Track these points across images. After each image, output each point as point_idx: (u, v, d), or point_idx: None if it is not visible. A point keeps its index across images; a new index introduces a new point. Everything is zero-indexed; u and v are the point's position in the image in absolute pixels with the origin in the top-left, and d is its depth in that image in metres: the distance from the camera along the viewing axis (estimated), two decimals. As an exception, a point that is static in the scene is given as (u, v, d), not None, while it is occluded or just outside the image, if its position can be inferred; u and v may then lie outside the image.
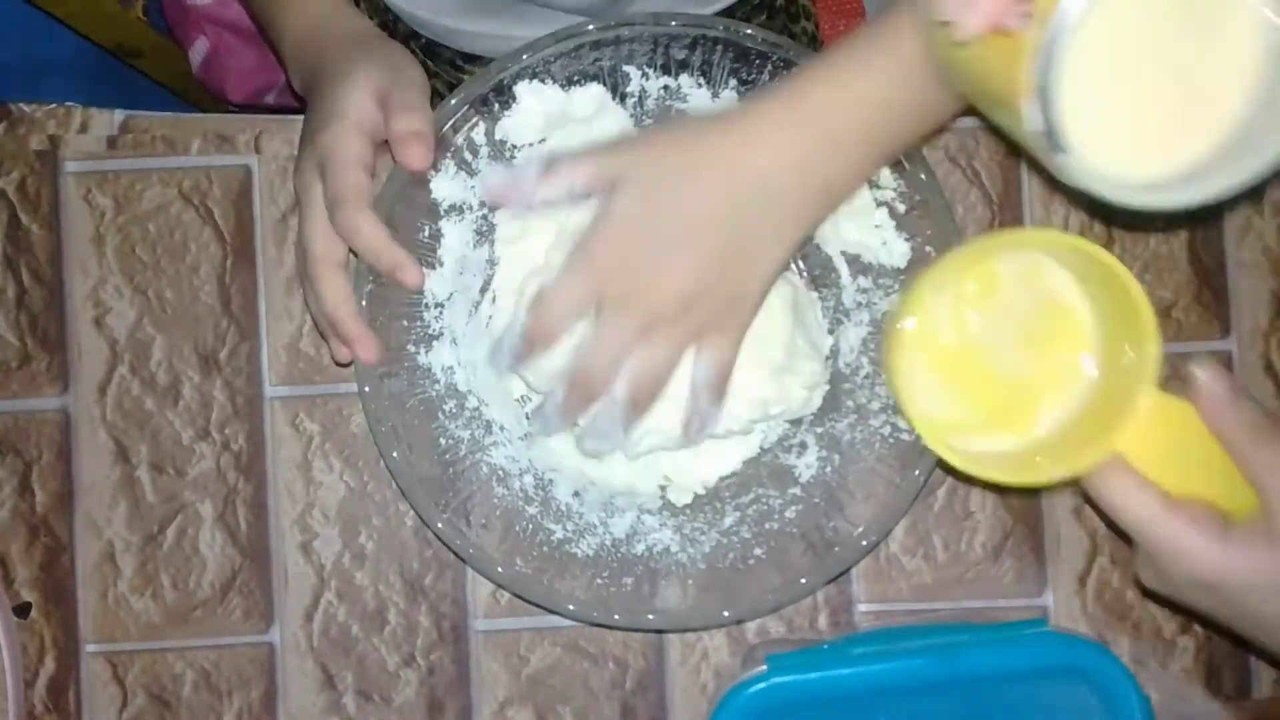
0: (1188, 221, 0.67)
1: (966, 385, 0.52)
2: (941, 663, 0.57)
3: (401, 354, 0.61)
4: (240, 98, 1.07)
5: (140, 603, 0.66)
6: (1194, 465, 0.49)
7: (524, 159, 0.62)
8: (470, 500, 0.61)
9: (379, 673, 0.66)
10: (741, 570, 0.61)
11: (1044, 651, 0.58)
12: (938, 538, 0.67)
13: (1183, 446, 0.49)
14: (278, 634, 0.66)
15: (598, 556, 0.62)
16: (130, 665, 0.66)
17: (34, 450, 0.66)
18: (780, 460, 0.64)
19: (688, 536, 0.63)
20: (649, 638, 0.66)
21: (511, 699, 0.66)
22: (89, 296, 0.67)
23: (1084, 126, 0.42)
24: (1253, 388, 0.66)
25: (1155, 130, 0.44)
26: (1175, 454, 0.49)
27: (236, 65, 1.05)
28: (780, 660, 0.58)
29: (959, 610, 0.66)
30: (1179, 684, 0.66)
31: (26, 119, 0.68)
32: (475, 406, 0.64)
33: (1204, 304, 0.67)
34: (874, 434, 0.62)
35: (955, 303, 0.51)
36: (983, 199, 0.67)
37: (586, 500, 0.64)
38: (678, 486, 0.64)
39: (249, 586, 0.66)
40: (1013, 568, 0.66)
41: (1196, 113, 0.44)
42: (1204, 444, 0.48)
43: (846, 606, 0.66)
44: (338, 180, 0.57)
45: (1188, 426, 0.48)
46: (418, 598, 0.66)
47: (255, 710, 0.66)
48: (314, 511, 0.67)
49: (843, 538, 0.60)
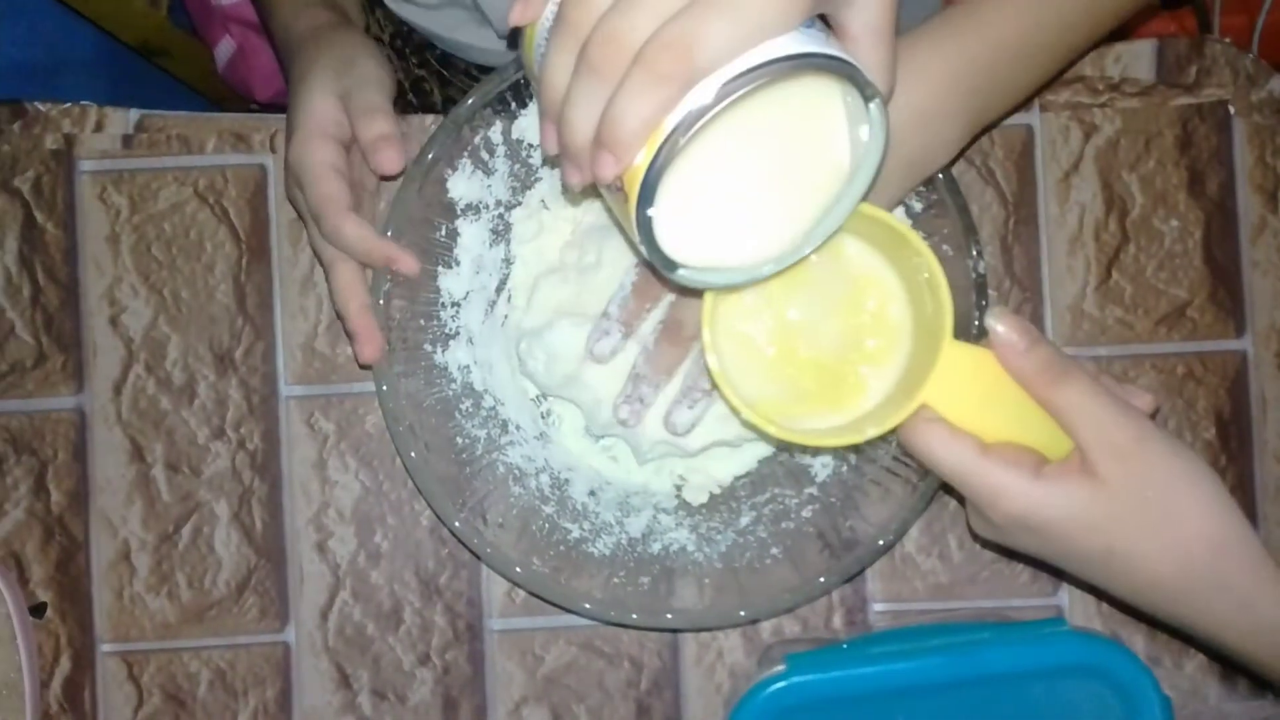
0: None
1: (792, 375, 0.52)
2: (961, 661, 0.57)
3: (418, 353, 0.61)
4: (266, 97, 1.08)
5: (156, 602, 0.66)
6: (1004, 411, 0.49)
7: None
8: (487, 499, 0.61)
9: (394, 672, 0.66)
10: (758, 569, 0.61)
11: (1063, 650, 0.57)
12: (953, 537, 0.66)
13: (991, 394, 0.49)
14: (293, 633, 0.66)
15: (614, 556, 0.62)
16: (146, 664, 0.66)
17: (49, 450, 0.66)
18: (796, 459, 0.64)
19: (704, 536, 0.63)
20: (664, 637, 0.66)
21: (527, 698, 0.66)
22: (104, 296, 0.67)
23: (687, 245, 0.46)
24: (1268, 387, 0.67)
25: (754, 230, 0.47)
26: (986, 402, 0.49)
27: (261, 65, 1.05)
28: (799, 659, 0.58)
29: (974, 610, 0.66)
30: (1194, 683, 0.66)
31: (42, 118, 0.68)
32: (491, 406, 0.64)
33: (1219, 303, 0.67)
34: (890, 433, 0.62)
35: (761, 297, 0.52)
36: (998, 198, 0.67)
37: (602, 499, 0.64)
38: (693, 486, 0.64)
39: (264, 586, 0.66)
40: (1027, 567, 0.66)
41: (783, 222, 0.48)
42: (1012, 388, 0.49)
43: (861, 606, 0.66)
44: (311, 192, 0.58)
45: (992, 373, 0.49)
46: (433, 597, 0.66)
47: (271, 709, 0.66)
48: (329, 511, 0.67)
49: (859, 537, 0.60)
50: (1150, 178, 0.67)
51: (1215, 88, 0.67)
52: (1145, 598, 0.50)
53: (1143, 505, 0.48)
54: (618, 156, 0.42)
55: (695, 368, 0.59)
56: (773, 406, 0.51)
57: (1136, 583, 0.49)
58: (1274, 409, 0.67)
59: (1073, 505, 0.48)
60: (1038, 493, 0.48)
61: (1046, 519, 0.48)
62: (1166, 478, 0.48)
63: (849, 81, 0.43)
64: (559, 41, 0.43)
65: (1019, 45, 0.53)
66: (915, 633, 0.60)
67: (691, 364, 0.60)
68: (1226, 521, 0.48)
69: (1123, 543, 0.48)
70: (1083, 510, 0.48)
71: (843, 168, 0.47)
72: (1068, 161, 0.67)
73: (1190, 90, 0.67)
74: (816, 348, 0.52)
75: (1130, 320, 0.67)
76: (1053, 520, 0.48)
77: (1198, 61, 0.67)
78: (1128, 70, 0.67)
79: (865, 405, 0.52)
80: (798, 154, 0.46)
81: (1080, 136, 0.67)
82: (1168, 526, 0.48)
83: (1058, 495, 0.48)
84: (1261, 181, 0.67)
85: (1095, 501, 0.48)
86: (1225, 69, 0.67)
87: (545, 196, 0.63)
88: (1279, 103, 0.67)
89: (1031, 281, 0.67)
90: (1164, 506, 0.48)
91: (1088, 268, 0.67)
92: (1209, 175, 0.67)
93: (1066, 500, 0.48)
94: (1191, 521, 0.48)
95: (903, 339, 0.52)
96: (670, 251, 0.46)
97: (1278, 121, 0.67)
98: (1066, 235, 0.67)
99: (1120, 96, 0.67)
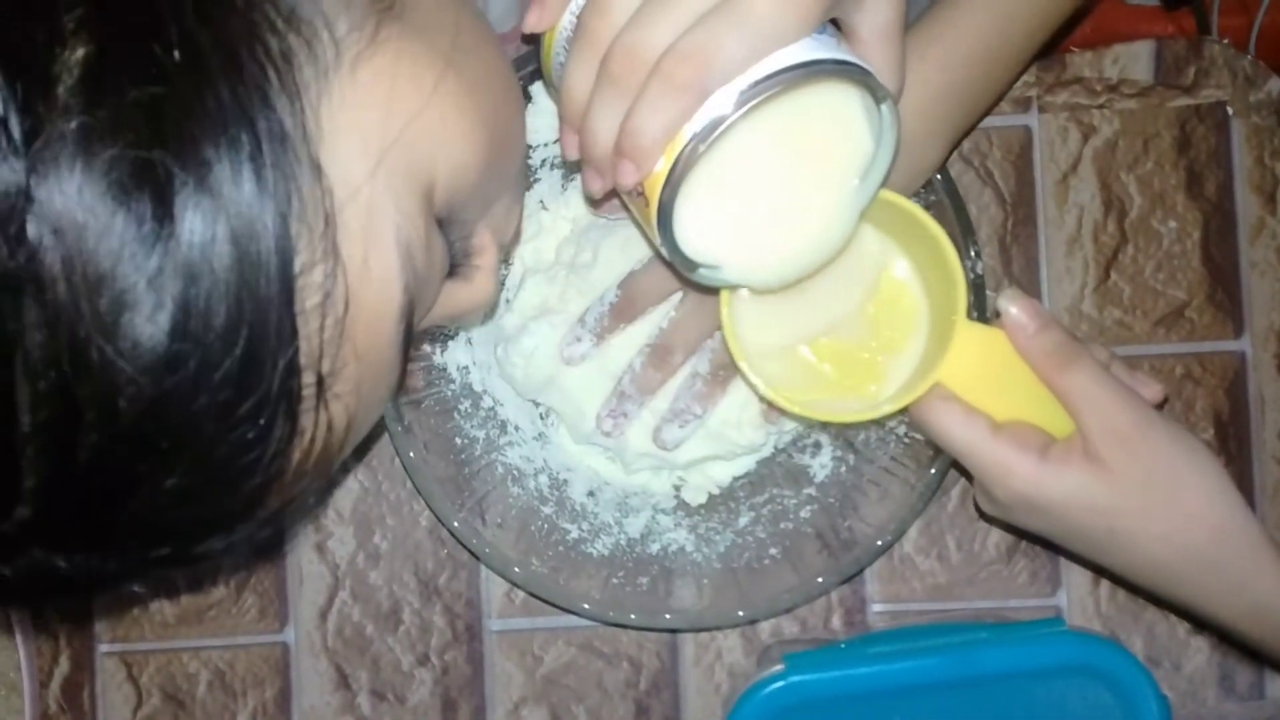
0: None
1: (811, 362, 0.53)
2: (959, 662, 0.57)
3: (417, 354, 0.61)
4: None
5: (155, 602, 0.66)
6: (1016, 391, 0.50)
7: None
8: (486, 500, 0.61)
9: (393, 672, 0.66)
10: (756, 570, 0.62)
11: (1061, 651, 0.58)
12: (951, 538, 0.67)
13: (1003, 374, 0.50)
14: (292, 633, 0.66)
15: (613, 556, 0.62)
16: (145, 665, 0.66)
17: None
18: (795, 460, 0.64)
19: (703, 536, 0.63)
20: (663, 637, 0.66)
21: (526, 699, 0.66)
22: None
23: (708, 247, 0.47)
24: (1267, 388, 0.67)
25: (774, 233, 0.48)
26: (996, 382, 0.50)
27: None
28: (798, 659, 0.58)
29: (972, 610, 0.66)
30: (1192, 684, 0.66)
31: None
32: (490, 406, 0.64)
33: (1217, 304, 0.67)
34: (889, 433, 0.62)
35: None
36: (996, 199, 0.67)
37: (601, 500, 0.64)
38: (692, 486, 0.64)
39: (263, 586, 0.66)
40: (1026, 568, 0.66)
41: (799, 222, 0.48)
42: (1022, 369, 0.50)
43: (860, 606, 0.66)
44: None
45: (1004, 354, 0.50)
46: (432, 597, 0.66)
47: (270, 710, 0.66)
48: (328, 511, 0.67)
49: (858, 538, 0.60)
50: (1148, 179, 0.67)
51: (1213, 89, 0.67)
52: (1145, 577, 0.51)
53: (1144, 489, 0.49)
54: (638, 164, 0.43)
55: (687, 392, 0.60)
56: (792, 391, 0.52)
57: (1137, 562, 0.51)
58: (1272, 410, 0.67)
59: (1075, 487, 0.49)
60: (1042, 474, 0.49)
61: (1050, 499, 0.49)
62: (1169, 463, 0.49)
63: (861, 85, 0.44)
64: (580, 53, 0.44)
65: (986, 62, 0.54)
66: (913, 633, 0.60)
67: (683, 387, 0.60)
68: (1227, 507, 0.49)
69: (1124, 524, 0.49)
70: (1085, 492, 0.49)
71: (861, 168, 0.47)
72: (1066, 162, 0.67)
73: (1188, 91, 0.67)
74: (835, 334, 0.53)
75: (1129, 321, 0.67)
76: (1056, 501, 0.49)
77: (1196, 63, 0.67)
78: (1126, 71, 0.67)
79: (883, 391, 0.53)
80: (816, 157, 0.47)
81: (1079, 137, 0.67)
82: (1169, 510, 0.49)
83: (1061, 477, 0.49)
84: (1260, 182, 0.67)
85: (1097, 484, 0.49)
86: (1223, 70, 0.67)
87: (543, 197, 0.63)
88: (1277, 104, 0.67)
89: (1030, 282, 0.67)
90: (1166, 491, 0.49)
91: (1086, 269, 0.67)
92: (1207, 176, 0.67)
93: (1069, 482, 0.49)
94: (1192, 506, 0.49)
95: (919, 324, 0.53)
96: (692, 253, 0.47)
97: (1276, 122, 0.67)
98: (1065, 236, 0.67)
99: (1118, 98, 0.67)
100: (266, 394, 0.33)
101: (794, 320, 0.53)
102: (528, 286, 0.62)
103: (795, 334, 0.53)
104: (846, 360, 0.53)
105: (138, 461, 0.32)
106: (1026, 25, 0.54)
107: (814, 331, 0.53)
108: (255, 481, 0.34)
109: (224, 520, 0.36)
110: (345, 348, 0.35)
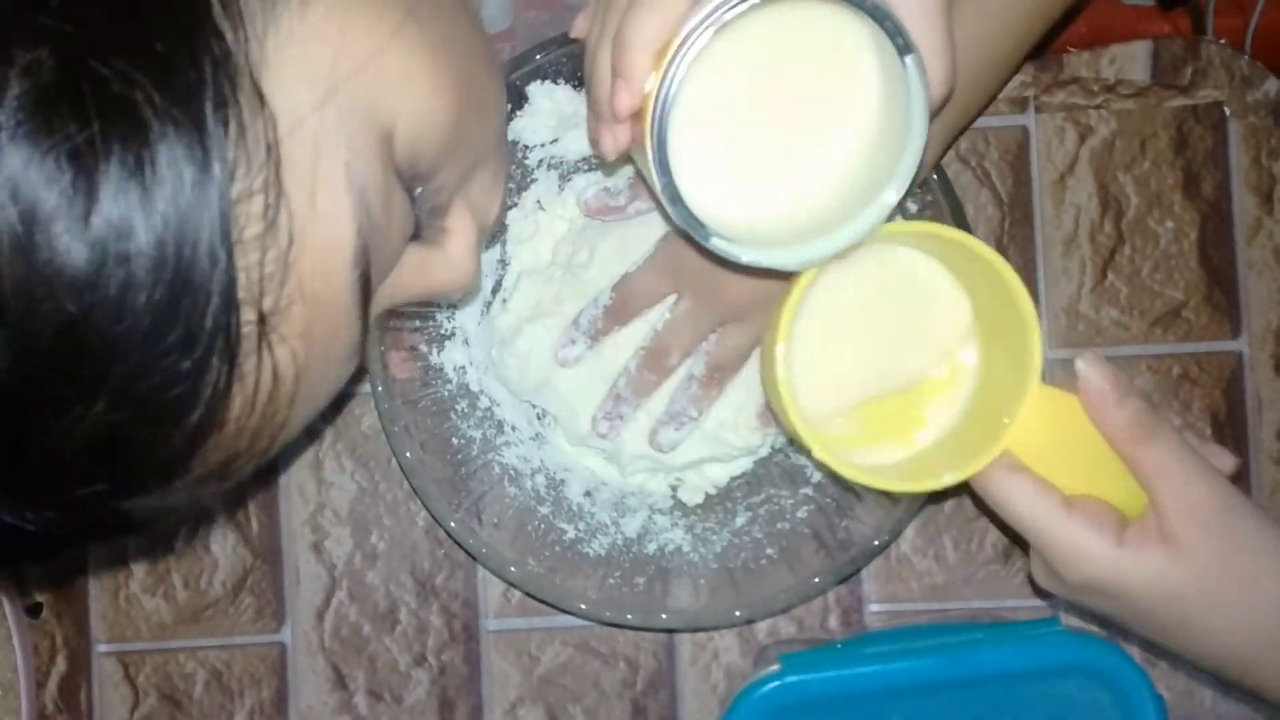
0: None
1: (856, 406, 0.50)
2: (956, 662, 0.57)
3: (414, 354, 0.61)
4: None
5: (152, 602, 0.66)
6: (1084, 458, 0.47)
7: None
8: (482, 500, 0.61)
9: (390, 672, 0.66)
10: (753, 570, 0.62)
11: (1058, 651, 0.58)
12: (948, 538, 0.67)
13: (1072, 441, 0.47)
14: (289, 633, 0.66)
15: (609, 556, 0.62)
16: (142, 665, 0.66)
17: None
18: (792, 460, 0.64)
19: (699, 536, 0.63)
20: (660, 638, 0.66)
21: (523, 698, 0.66)
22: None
23: (707, 198, 0.45)
24: (1264, 389, 0.67)
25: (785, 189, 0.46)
26: (1065, 448, 0.47)
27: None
28: (794, 659, 0.58)
29: (969, 610, 0.66)
30: (1188, 684, 0.66)
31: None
32: (487, 406, 0.64)
33: (1214, 304, 0.67)
34: (886, 434, 0.62)
35: (829, 321, 0.50)
36: (993, 199, 0.67)
37: (598, 500, 0.64)
38: (689, 486, 0.64)
39: (260, 586, 0.66)
40: (1023, 568, 0.66)
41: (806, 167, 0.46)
42: (1093, 437, 0.47)
43: (857, 606, 0.66)
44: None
45: (1075, 420, 0.47)
46: (429, 598, 0.66)
47: (267, 710, 0.66)
48: (325, 511, 0.67)
49: (855, 538, 0.60)
50: (1145, 179, 0.67)
51: (1210, 89, 0.67)
52: (1215, 665, 0.49)
53: (1222, 578, 0.46)
54: (628, 80, 0.42)
55: (683, 394, 0.60)
56: (835, 439, 0.49)
57: (1209, 652, 0.49)
58: (1269, 410, 0.67)
59: (1153, 575, 0.46)
60: (1120, 559, 0.46)
61: (1127, 586, 0.47)
62: (1250, 551, 0.47)
63: (877, 26, 0.41)
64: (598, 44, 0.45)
65: (980, 60, 0.53)
66: (910, 633, 0.60)
67: (679, 389, 0.60)
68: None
69: (1200, 613, 0.47)
70: (1162, 579, 0.46)
71: (875, 121, 0.44)
72: (1063, 163, 0.67)
73: (1185, 92, 0.67)
74: (882, 376, 0.50)
75: (1126, 321, 0.67)
76: (1132, 589, 0.47)
77: (1193, 63, 0.67)
78: (1123, 72, 0.67)
79: (925, 437, 0.50)
80: (814, 103, 0.45)
81: (1075, 138, 0.67)
82: (1245, 600, 0.47)
83: (1139, 563, 0.46)
84: (1257, 183, 0.67)
85: (1175, 569, 0.46)
86: (1220, 70, 0.67)
87: (541, 197, 0.63)
88: (1274, 104, 0.67)
89: (1027, 283, 0.66)
90: (1242, 579, 0.47)
91: (1083, 269, 0.67)
92: (1204, 176, 0.67)
93: (1149, 570, 0.46)
94: (1271, 591, 0.47)
95: (970, 373, 0.50)
96: (696, 209, 0.44)
97: (1273, 123, 0.67)
98: (1062, 236, 0.67)
99: (1115, 98, 0.67)
100: (200, 324, 0.31)
101: (842, 358, 0.50)
102: (523, 287, 0.62)
103: (846, 400, 0.50)
104: (890, 404, 0.50)
105: (59, 387, 0.31)
106: (1020, 23, 0.54)
107: (863, 372, 0.50)
108: (190, 420, 0.32)
109: (158, 467, 0.34)
110: (290, 285, 0.33)
